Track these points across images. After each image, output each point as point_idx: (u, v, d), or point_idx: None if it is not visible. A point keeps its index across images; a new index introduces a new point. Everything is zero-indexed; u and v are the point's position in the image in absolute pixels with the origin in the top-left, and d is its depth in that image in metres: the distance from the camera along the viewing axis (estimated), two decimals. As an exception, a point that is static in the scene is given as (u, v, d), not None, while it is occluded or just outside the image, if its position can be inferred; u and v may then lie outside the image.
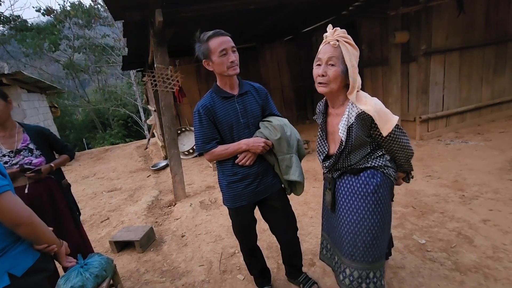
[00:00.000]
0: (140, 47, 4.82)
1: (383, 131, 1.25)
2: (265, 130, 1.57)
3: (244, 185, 1.59)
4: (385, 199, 1.33)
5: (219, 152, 1.55)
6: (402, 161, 1.40)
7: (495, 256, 1.97)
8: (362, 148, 1.33)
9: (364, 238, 1.32)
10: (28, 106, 7.17)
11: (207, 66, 1.52)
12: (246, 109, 1.57)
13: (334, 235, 1.49)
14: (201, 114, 1.53)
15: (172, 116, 3.73)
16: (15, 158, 1.76)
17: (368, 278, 1.33)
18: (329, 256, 1.60)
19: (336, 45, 1.21)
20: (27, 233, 1.08)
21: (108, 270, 1.99)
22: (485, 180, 3.05)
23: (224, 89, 1.56)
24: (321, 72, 1.25)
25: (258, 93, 1.64)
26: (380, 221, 1.33)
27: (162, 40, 3.44)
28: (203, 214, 3.33)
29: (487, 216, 2.43)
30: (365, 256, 1.33)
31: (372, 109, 1.22)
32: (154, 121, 7.73)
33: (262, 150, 1.54)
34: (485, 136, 4.42)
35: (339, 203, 1.41)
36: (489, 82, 5.07)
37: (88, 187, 5.31)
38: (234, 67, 1.47)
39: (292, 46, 7.64)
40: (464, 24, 4.57)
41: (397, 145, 1.32)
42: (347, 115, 1.28)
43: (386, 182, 1.34)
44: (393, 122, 1.25)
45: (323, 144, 1.45)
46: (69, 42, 15.73)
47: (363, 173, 1.33)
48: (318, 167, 4.26)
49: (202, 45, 1.45)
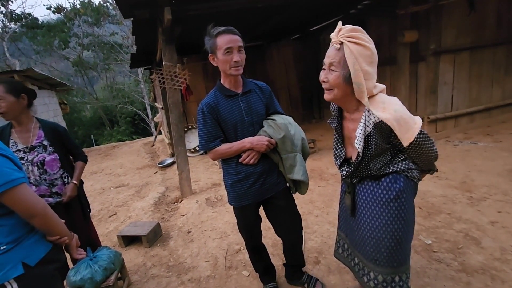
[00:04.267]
0: (148, 45, 4.87)
1: (404, 142, 1.13)
2: (269, 128, 1.56)
3: (248, 184, 1.58)
4: (408, 203, 1.25)
5: (222, 151, 1.54)
6: (425, 163, 1.29)
7: (502, 258, 1.95)
8: (383, 156, 1.23)
9: (388, 244, 1.25)
10: (39, 102, 7.31)
11: (212, 61, 1.52)
12: (251, 108, 1.56)
13: (353, 237, 1.43)
14: (205, 112, 1.52)
15: (179, 113, 3.76)
16: (30, 154, 1.80)
17: (393, 282, 1.29)
18: (345, 256, 1.56)
19: (338, 47, 1.11)
20: (41, 224, 1.12)
21: (116, 263, 2.04)
22: (494, 182, 3.01)
23: (227, 87, 1.55)
24: (322, 77, 1.18)
25: (262, 92, 1.64)
26: (404, 225, 1.25)
27: (170, 38, 3.48)
28: (209, 211, 3.36)
29: (495, 218, 2.40)
30: (389, 261, 1.28)
31: (391, 117, 1.09)
32: (161, 119, 7.80)
33: (266, 149, 1.53)
34: (495, 137, 4.35)
35: (360, 208, 1.34)
36: (500, 82, 4.98)
37: (97, 182, 5.40)
38: (238, 68, 1.46)
39: (299, 45, 7.62)
40: (475, 23, 4.50)
41: (419, 151, 1.20)
42: (364, 123, 1.17)
43: (410, 185, 1.25)
44: (415, 130, 1.12)
45: (340, 148, 1.37)
46: (78, 40, 15.95)
47: (384, 179, 1.25)
48: (324, 166, 4.25)
49: (211, 39, 1.46)
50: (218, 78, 1.63)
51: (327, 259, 2.17)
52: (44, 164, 1.82)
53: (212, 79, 6.89)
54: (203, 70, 6.83)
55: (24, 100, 1.76)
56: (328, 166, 4.21)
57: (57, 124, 1.99)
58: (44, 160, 1.82)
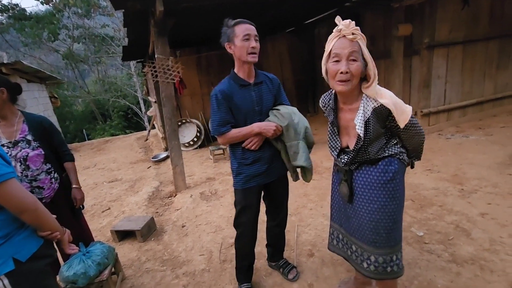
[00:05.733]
0: (141, 38, 4.77)
1: (400, 123, 1.24)
2: (274, 118, 1.65)
3: (254, 168, 1.67)
4: (401, 184, 1.35)
5: (232, 135, 1.62)
6: (415, 146, 1.40)
7: (491, 248, 1.99)
8: (379, 140, 1.31)
9: (386, 225, 1.33)
10: (28, 96, 7.15)
11: (228, 49, 1.58)
12: (262, 98, 1.66)
13: (350, 225, 1.48)
14: (219, 98, 1.59)
15: (172, 107, 3.72)
16: (14, 150, 1.74)
17: (392, 261, 1.37)
18: (340, 246, 1.60)
19: (355, 39, 1.16)
20: (32, 220, 1.10)
21: (109, 258, 2.03)
22: (484, 175, 3.07)
23: (241, 77, 1.63)
24: (344, 69, 1.18)
25: (272, 83, 1.73)
26: (399, 205, 1.34)
27: (163, 30, 3.41)
28: (203, 205, 3.36)
29: (485, 210, 2.45)
30: (388, 241, 1.35)
31: (390, 102, 1.20)
32: (155, 113, 7.71)
33: (274, 134, 1.61)
34: (487, 131, 4.42)
35: (358, 194, 1.40)
36: (492, 76, 5.03)
37: (89, 177, 5.34)
38: (254, 55, 1.54)
39: (294, 38, 7.55)
40: (469, 18, 4.52)
41: (412, 133, 1.32)
42: (363, 110, 1.24)
43: (402, 168, 1.35)
44: (408, 113, 1.25)
45: (336, 140, 1.42)
46: (68, 32, 15.53)
47: (381, 162, 1.33)
48: (319, 160, 4.27)
49: (229, 29, 1.54)
50: (212, 72, 1.64)
51: (321, 252, 2.20)
52: (27, 159, 1.76)
53: (206, 73, 6.80)
54: (197, 63, 6.73)
55: (3, 94, 1.68)
56: (322, 160, 4.23)
57: (43, 118, 1.93)
58: (27, 155, 1.76)
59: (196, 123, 6.51)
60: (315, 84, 7.61)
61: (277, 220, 1.94)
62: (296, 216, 2.77)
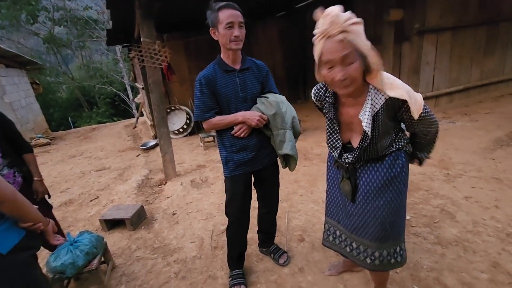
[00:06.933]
0: (125, 20, 4.56)
1: (414, 114, 1.10)
2: (261, 105, 1.64)
3: (241, 156, 1.66)
4: (407, 176, 1.30)
5: (215, 122, 1.61)
6: (430, 138, 1.29)
7: (474, 230, 2.07)
8: (388, 135, 1.21)
9: (392, 220, 1.28)
10: (7, 82, 6.83)
11: (213, 34, 1.55)
12: (246, 84, 1.62)
13: (351, 222, 1.39)
14: (202, 83, 1.57)
15: (161, 93, 3.62)
16: None
17: (395, 253, 1.34)
18: (338, 243, 1.52)
19: (345, 39, 0.98)
20: (11, 211, 1.05)
21: (98, 247, 2.00)
22: (469, 159, 3.15)
23: (226, 63, 1.60)
24: (341, 76, 1.03)
25: (259, 70, 1.70)
26: (404, 198, 1.30)
27: (148, 12, 3.26)
28: (194, 192, 3.34)
29: (470, 193, 2.52)
30: (393, 235, 1.31)
31: (405, 93, 1.05)
32: (142, 99, 7.52)
33: (257, 123, 1.59)
34: (472, 117, 4.52)
35: (363, 191, 1.30)
36: (478, 63, 5.10)
37: (76, 166, 5.22)
38: (237, 42, 1.50)
39: (285, 23, 7.40)
40: (459, 3, 4.51)
41: (428, 122, 1.19)
42: (371, 104, 1.11)
43: (407, 159, 1.31)
44: (421, 100, 1.11)
45: (336, 138, 1.29)
46: (48, 14, 14.76)
47: (388, 157, 1.24)
48: (309, 146, 4.29)
49: (213, 13, 1.49)
50: (201, 58, 1.60)
51: (311, 237, 2.23)
52: None
53: (195, 58, 6.62)
54: (185, 48, 6.52)
55: None
56: (312, 146, 4.25)
57: None
58: None
59: (185, 110, 6.39)
60: (306, 69, 7.53)
61: (268, 207, 1.95)
62: (286, 202, 2.79)
